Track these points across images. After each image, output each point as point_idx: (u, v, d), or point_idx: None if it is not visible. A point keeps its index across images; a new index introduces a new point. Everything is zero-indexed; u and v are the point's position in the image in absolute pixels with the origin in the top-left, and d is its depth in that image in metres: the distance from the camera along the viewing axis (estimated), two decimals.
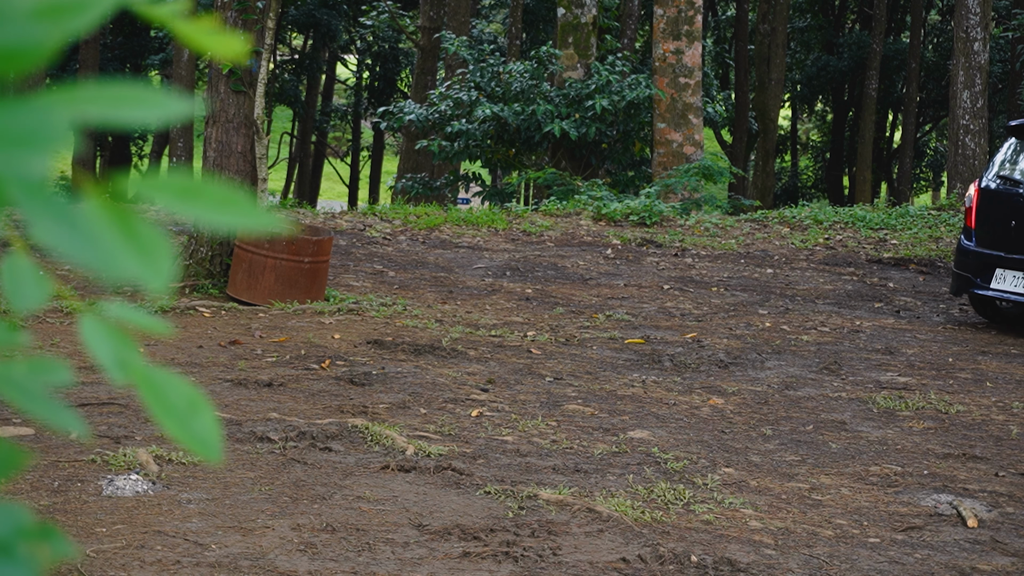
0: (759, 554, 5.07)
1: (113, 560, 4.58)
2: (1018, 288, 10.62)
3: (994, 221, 11.03)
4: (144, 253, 0.89)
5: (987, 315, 11.32)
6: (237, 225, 0.92)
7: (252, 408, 6.79)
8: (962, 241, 11.35)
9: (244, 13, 10.28)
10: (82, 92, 0.91)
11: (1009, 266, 10.73)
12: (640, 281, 12.59)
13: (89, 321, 0.96)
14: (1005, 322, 11.27)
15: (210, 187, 0.92)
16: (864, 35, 40.00)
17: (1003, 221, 10.92)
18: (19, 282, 0.92)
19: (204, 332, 8.81)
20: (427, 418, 6.87)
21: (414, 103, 21.56)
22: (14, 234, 1.03)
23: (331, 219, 15.31)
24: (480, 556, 4.82)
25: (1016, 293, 10.61)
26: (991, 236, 11.02)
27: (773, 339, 9.91)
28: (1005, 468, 6.60)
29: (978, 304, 11.30)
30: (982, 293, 10.89)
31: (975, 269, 11.00)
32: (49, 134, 0.86)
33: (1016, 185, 10.96)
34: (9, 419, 6.24)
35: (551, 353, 8.87)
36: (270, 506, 5.26)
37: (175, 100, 0.93)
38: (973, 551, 5.30)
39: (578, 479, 5.93)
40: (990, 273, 10.87)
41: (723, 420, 7.31)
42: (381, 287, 11.29)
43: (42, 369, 1.00)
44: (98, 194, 0.91)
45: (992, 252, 10.90)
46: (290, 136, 47.23)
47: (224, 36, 0.96)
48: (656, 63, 19.61)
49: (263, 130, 10.90)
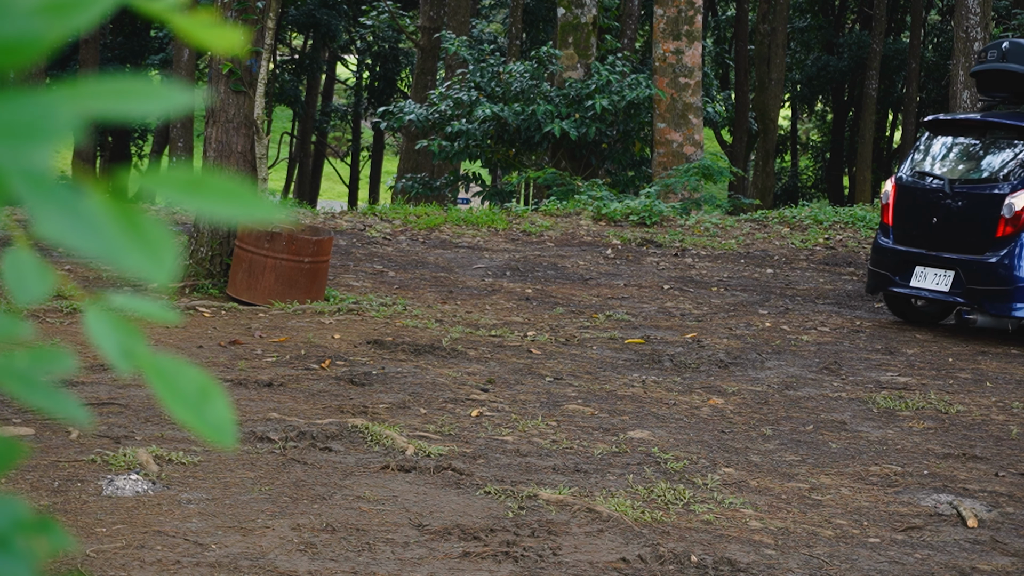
0: (759, 554, 5.07)
1: (113, 560, 4.58)
2: (940, 286, 10.40)
3: (913, 218, 10.83)
4: (148, 246, 0.89)
5: (902, 314, 11.11)
6: (240, 217, 0.92)
7: (252, 408, 6.79)
8: (879, 239, 11.12)
9: (244, 13, 10.28)
10: (84, 86, 0.91)
11: (931, 264, 10.51)
12: (640, 281, 12.59)
13: (93, 311, 0.96)
14: (920, 320, 11.08)
15: (213, 179, 0.92)
16: (864, 35, 40.01)
17: (923, 218, 10.71)
18: (22, 275, 0.92)
19: (204, 332, 8.81)
20: (427, 418, 6.87)
21: (414, 103, 21.56)
22: (17, 229, 1.03)
23: (331, 219, 15.31)
24: (480, 556, 4.82)
25: (938, 291, 10.41)
26: (911, 233, 10.81)
27: (773, 339, 9.91)
28: (1005, 468, 6.60)
29: (893, 302, 11.10)
30: (902, 292, 10.68)
31: (894, 267, 10.79)
32: (51, 127, 0.86)
33: (937, 181, 10.75)
34: (9, 419, 6.24)
35: (551, 353, 8.86)
36: (270, 506, 5.26)
37: (176, 93, 0.92)
38: (973, 551, 5.30)
39: (578, 479, 5.93)
40: (910, 271, 10.66)
41: (723, 420, 7.31)
42: (381, 287, 11.29)
43: (44, 359, 1.00)
44: (99, 190, 0.91)
45: (912, 250, 10.69)
46: (290, 136, 47.23)
47: (223, 30, 0.96)
48: (656, 63, 19.61)
49: (263, 130, 10.90)
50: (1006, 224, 10.11)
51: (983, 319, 10.14)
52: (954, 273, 10.31)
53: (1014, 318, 10.06)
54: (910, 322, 11.02)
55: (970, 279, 10.18)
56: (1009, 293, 10.03)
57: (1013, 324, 10.22)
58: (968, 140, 10.96)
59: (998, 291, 10.07)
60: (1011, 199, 10.12)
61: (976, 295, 10.14)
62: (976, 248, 10.25)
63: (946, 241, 10.48)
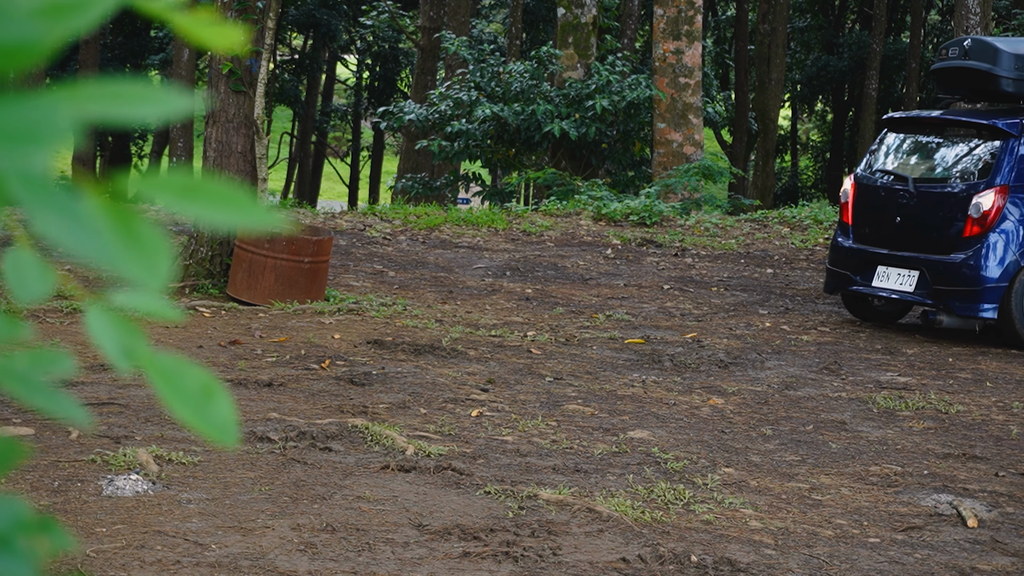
0: (759, 554, 5.07)
1: (113, 560, 4.58)
2: (904, 286, 10.25)
3: (875, 217, 10.67)
4: (143, 251, 0.89)
5: (859, 313, 10.98)
6: (238, 224, 0.92)
7: (252, 408, 6.79)
8: (838, 238, 10.95)
9: (244, 13, 10.28)
10: (84, 89, 0.91)
11: (894, 264, 10.37)
12: (640, 281, 12.59)
13: (94, 310, 0.96)
14: (878, 320, 10.96)
15: (211, 185, 0.92)
16: (864, 35, 40.01)
17: (886, 217, 10.56)
18: (22, 275, 0.92)
19: (204, 332, 8.81)
20: (427, 418, 6.88)
21: (414, 103, 21.56)
22: (18, 228, 1.04)
23: (331, 219, 15.31)
24: (480, 556, 4.82)
25: (902, 291, 10.26)
26: (872, 233, 10.65)
27: (773, 339, 9.91)
28: (1005, 468, 6.61)
29: (850, 302, 10.96)
30: (864, 291, 10.54)
31: (854, 267, 10.63)
32: (51, 130, 0.86)
33: (900, 180, 10.60)
34: (9, 419, 6.24)
35: (551, 353, 8.87)
36: (270, 506, 5.26)
37: (176, 97, 0.93)
38: (973, 551, 5.30)
39: (578, 479, 5.93)
40: (871, 271, 10.51)
41: (723, 420, 7.31)
42: (381, 287, 11.29)
43: (44, 360, 1.00)
44: (98, 193, 0.92)
45: (874, 249, 10.54)
46: (290, 136, 47.23)
47: (223, 28, 0.96)
48: (656, 63, 19.61)
49: (263, 130, 10.91)
50: (973, 224, 9.98)
51: (949, 320, 10.01)
52: (919, 273, 10.17)
53: (981, 319, 9.93)
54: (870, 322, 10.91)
55: (936, 279, 10.04)
56: (977, 294, 9.90)
57: (980, 325, 10.09)
58: (929, 138, 10.84)
59: (965, 291, 9.94)
60: (978, 199, 10.00)
61: (942, 295, 10.00)
62: (942, 248, 10.12)
63: (910, 241, 10.33)
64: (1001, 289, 9.89)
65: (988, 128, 10.31)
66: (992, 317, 9.90)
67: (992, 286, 9.89)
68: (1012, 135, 10.12)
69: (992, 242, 9.96)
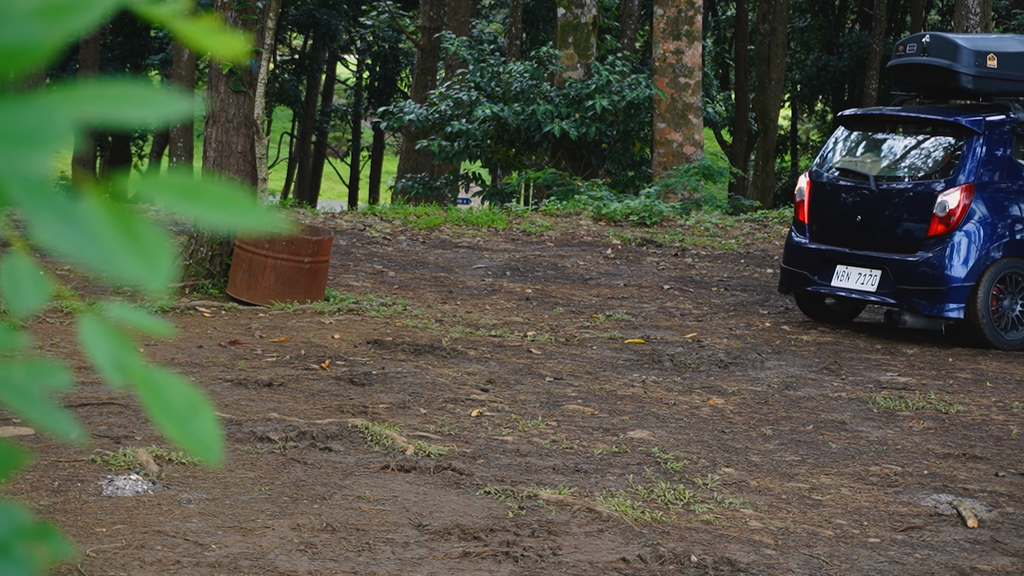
0: (759, 554, 5.07)
1: (113, 560, 4.58)
2: (866, 286, 10.08)
3: (833, 216, 10.48)
4: (144, 253, 0.89)
5: (812, 313, 10.81)
6: (238, 224, 0.92)
7: (252, 408, 6.79)
8: (793, 237, 10.74)
9: (244, 13, 10.28)
10: (83, 91, 0.91)
11: (855, 263, 10.19)
12: (640, 281, 12.59)
13: (88, 322, 0.96)
14: (832, 320, 10.80)
15: (211, 186, 0.92)
16: (864, 35, 40.00)
17: (845, 216, 10.38)
18: (19, 282, 0.92)
19: (204, 332, 8.81)
20: (427, 418, 6.87)
21: (414, 103, 21.56)
22: (14, 234, 1.03)
23: (331, 219, 15.31)
24: (480, 556, 4.82)
25: (863, 291, 10.10)
26: (830, 231, 10.45)
27: (773, 339, 9.90)
28: (1005, 468, 6.60)
29: (803, 301, 10.79)
30: (823, 291, 10.36)
31: (811, 266, 10.43)
32: (50, 132, 0.86)
33: (860, 178, 10.42)
34: (9, 419, 6.24)
35: (551, 353, 8.86)
36: (270, 506, 5.26)
37: (176, 99, 0.92)
38: (973, 551, 5.30)
39: (578, 479, 5.93)
40: (830, 270, 10.33)
41: (723, 420, 7.31)
42: (381, 287, 11.29)
43: (40, 372, 1.00)
44: (98, 194, 0.91)
45: (832, 248, 10.36)
46: (290, 136, 47.23)
47: (224, 35, 0.96)
48: (656, 63, 19.61)
49: (263, 130, 10.90)
50: (938, 222, 9.83)
51: (913, 320, 9.86)
52: (881, 272, 10.02)
53: (947, 319, 9.80)
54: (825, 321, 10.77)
55: (900, 279, 9.89)
56: (943, 293, 9.76)
57: (945, 324, 9.97)
58: (888, 135, 10.69)
59: (931, 291, 9.79)
60: (944, 197, 9.85)
61: (907, 295, 9.85)
62: (906, 247, 9.98)
63: (872, 239, 10.16)
64: (967, 288, 9.75)
65: (951, 125, 10.16)
66: (958, 317, 9.75)
67: (958, 286, 9.75)
68: (976, 132, 9.97)
69: (958, 241, 9.81)
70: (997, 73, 10.50)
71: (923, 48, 10.70)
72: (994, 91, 10.53)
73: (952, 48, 10.51)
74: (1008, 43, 10.84)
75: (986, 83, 10.51)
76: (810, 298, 10.72)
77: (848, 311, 10.96)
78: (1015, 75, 10.54)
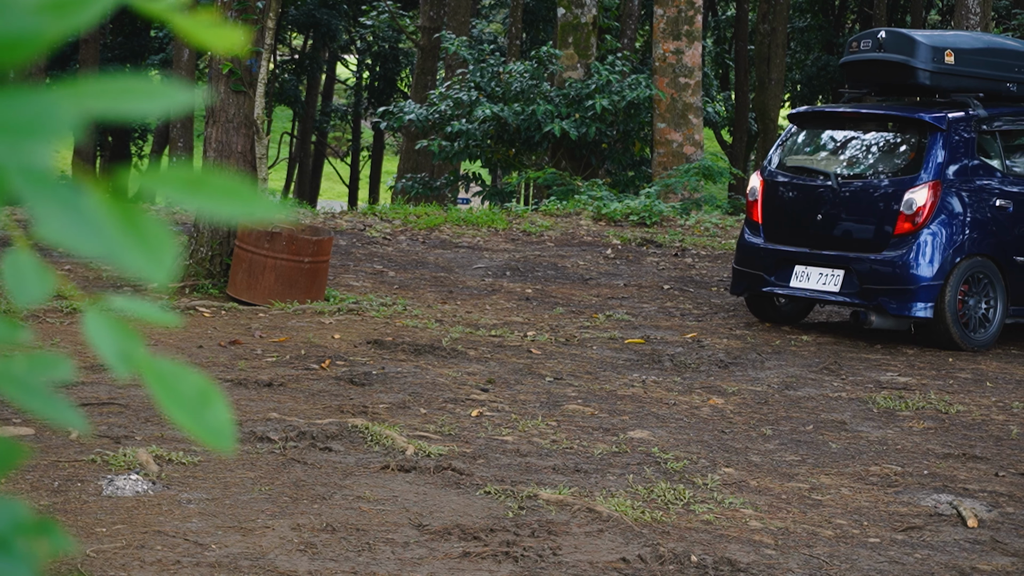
0: (759, 554, 5.07)
1: (113, 560, 4.58)
2: (828, 286, 9.86)
3: (791, 215, 10.24)
4: (147, 245, 0.89)
5: (762, 315, 10.58)
6: (241, 215, 0.91)
7: (252, 408, 6.78)
8: (746, 237, 10.49)
9: (244, 13, 10.28)
10: (84, 85, 0.91)
11: (815, 263, 9.96)
12: (640, 281, 12.58)
13: (92, 314, 0.95)
14: (783, 320, 10.56)
15: (213, 178, 0.92)
16: None
17: (804, 215, 10.16)
18: (21, 277, 0.92)
19: (204, 332, 8.80)
20: (427, 418, 6.87)
21: (414, 103, 21.56)
22: (16, 229, 1.03)
23: (331, 219, 15.30)
24: (480, 556, 4.82)
25: (826, 292, 9.88)
26: (788, 231, 10.23)
27: (773, 339, 9.90)
28: (1005, 468, 6.60)
29: (753, 302, 10.55)
30: (781, 293, 10.11)
31: (768, 267, 10.18)
32: (52, 124, 0.86)
33: (820, 176, 10.19)
34: (9, 419, 6.24)
35: (551, 353, 8.86)
36: (270, 506, 5.26)
37: (176, 93, 0.92)
38: (973, 551, 5.30)
39: (578, 479, 5.93)
40: (788, 271, 10.09)
41: (723, 420, 7.31)
42: (381, 287, 11.29)
43: (43, 365, 0.99)
44: (99, 190, 0.91)
45: (790, 248, 10.13)
46: (290, 136, 47.23)
47: (223, 30, 0.96)
48: (656, 63, 19.61)
49: (263, 130, 10.90)
50: (905, 220, 9.65)
51: (879, 320, 9.67)
52: (844, 272, 9.81)
53: (916, 318, 9.61)
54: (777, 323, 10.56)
55: (866, 279, 9.69)
56: (911, 293, 9.57)
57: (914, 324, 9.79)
58: (847, 133, 10.46)
59: (899, 291, 9.60)
60: (911, 195, 9.67)
61: (873, 294, 9.63)
62: (872, 246, 9.77)
63: (834, 239, 9.95)
64: (936, 287, 9.57)
65: (913, 122, 9.99)
66: (928, 316, 9.57)
67: (927, 284, 9.57)
68: (940, 129, 9.80)
69: (926, 239, 9.63)
70: (954, 69, 10.33)
71: (879, 44, 10.51)
72: (951, 87, 10.36)
73: (910, 44, 10.35)
74: (964, 39, 10.70)
75: (943, 79, 10.34)
76: (760, 298, 10.50)
77: (798, 311, 10.73)
78: (971, 71, 10.38)
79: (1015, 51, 10.78)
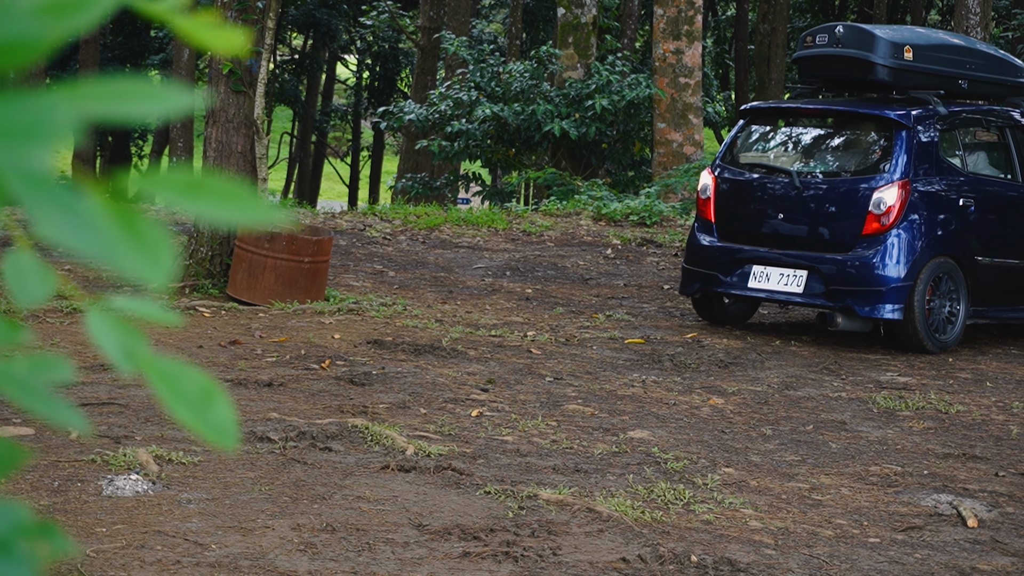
0: (759, 554, 5.07)
1: (113, 560, 4.58)
2: (791, 287, 9.58)
3: (747, 214, 9.95)
4: (146, 247, 0.89)
5: (708, 315, 10.31)
6: (240, 220, 0.91)
7: (252, 408, 6.79)
8: (697, 236, 10.16)
9: (244, 13, 10.28)
10: (84, 87, 0.91)
11: (776, 263, 9.67)
12: (640, 281, 12.58)
13: (94, 313, 0.96)
14: (729, 321, 10.31)
15: (212, 182, 0.92)
16: None
17: (762, 214, 9.87)
18: (22, 277, 0.92)
19: (204, 332, 8.80)
20: (427, 418, 6.87)
21: (414, 103, 21.56)
22: (17, 229, 1.03)
23: (331, 219, 15.31)
24: (480, 556, 4.82)
25: (788, 292, 9.61)
26: (744, 230, 9.95)
27: (773, 339, 9.90)
28: (1005, 468, 6.60)
29: (700, 303, 10.27)
30: (738, 294, 9.83)
31: (722, 267, 9.88)
32: (51, 127, 0.86)
33: (779, 174, 9.94)
34: (9, 419, 6.24)
35: (551, 353, 8.86)
36: (270, 506, 5.26)
37: (176, 94, 0.92)
38: (973, 551, 5.30)
39: (578, 479, 5.93)
40: (745, 271, 9.79)
41: (723, 420, 7.31)
42: (381, 287, 11.29)
43: (43, 366, 0.99)
44: (99, 191, 0.91)
45: (747, 248, 9.83)
46: (290, 136, 47.23)
47: (224, 31, 0.96)
48: (656, 63, 19.61)
49: (263, 130, 10.91)
50: (874, 220, 9.42)
51: (846, 321, 9.42)
52: (807, 273, 9.55)
53: (885, 320, 9.41)
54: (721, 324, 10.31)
55: (833, 280, 9.42)
56: (880, 294, 9.35)
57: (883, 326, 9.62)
58: (806, 130, 10.26)
59: (868, 292, 9.36)
60: (880, 194, 9.42)
61: (841, 296, 9.38)
62: (839, 247, 9.50)
63: (796, 239, 9.68)
64: (906, 288, 9.36)
65: (878, 119, 9.77)
66: (897, 318, 9.35)
67: (897, 286, 9.35)
68: (905, 126, 9.57)
69: (895, 239, 9.41)
70: (912, 66, 10.11)
71: (836, 39, 10.25)
72: (909, 84, 10.17)
73: (869, 39, 10.10)
74: (920, 35, 10.50)
75: (902, 76, 10.13)
76: (706, 299, 10.23)
77: (745, 312, 10.53)
78: (930, 68, 10.19)
79: (966, 48, 10.57)
